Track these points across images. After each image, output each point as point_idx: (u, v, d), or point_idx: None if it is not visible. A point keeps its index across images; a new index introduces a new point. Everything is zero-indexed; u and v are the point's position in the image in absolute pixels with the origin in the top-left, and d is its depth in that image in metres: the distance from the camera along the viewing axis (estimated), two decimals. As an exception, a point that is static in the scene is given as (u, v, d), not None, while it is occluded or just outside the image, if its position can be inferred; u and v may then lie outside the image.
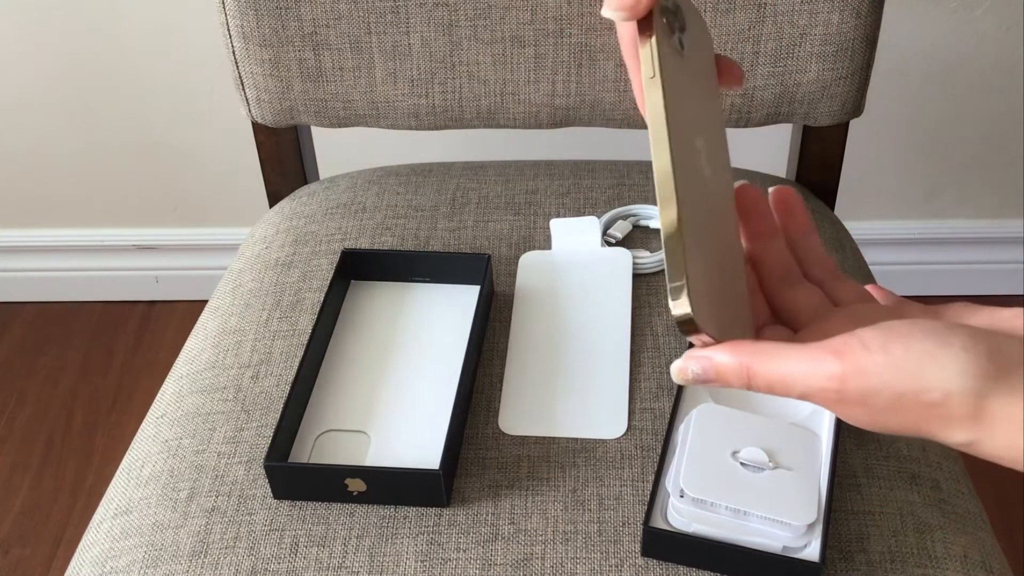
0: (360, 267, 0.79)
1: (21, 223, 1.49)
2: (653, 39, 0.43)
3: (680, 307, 0.40)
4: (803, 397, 0.39)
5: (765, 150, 1.24)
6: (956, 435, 0.37)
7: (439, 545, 0.63)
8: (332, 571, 0.62)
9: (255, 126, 0.92)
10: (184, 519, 0.65)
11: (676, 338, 0.75)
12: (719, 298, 0.42)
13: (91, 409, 1.43)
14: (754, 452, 0.62)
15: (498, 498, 0.65)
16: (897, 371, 0.37)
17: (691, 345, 0.43)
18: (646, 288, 0.79)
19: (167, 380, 0.78)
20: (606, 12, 0.43)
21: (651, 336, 0.75)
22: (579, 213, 0.86)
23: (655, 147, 0.42)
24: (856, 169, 1.37)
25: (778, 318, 0.46)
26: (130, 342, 1.52)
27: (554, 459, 0.67)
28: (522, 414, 0.70)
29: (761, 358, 0.40)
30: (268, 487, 0.66)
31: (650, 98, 0.43)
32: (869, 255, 0.96)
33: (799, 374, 0.39)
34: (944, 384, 0.36)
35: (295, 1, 0.81)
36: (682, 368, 0.41)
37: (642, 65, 0.43)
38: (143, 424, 0.75)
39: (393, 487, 0.64)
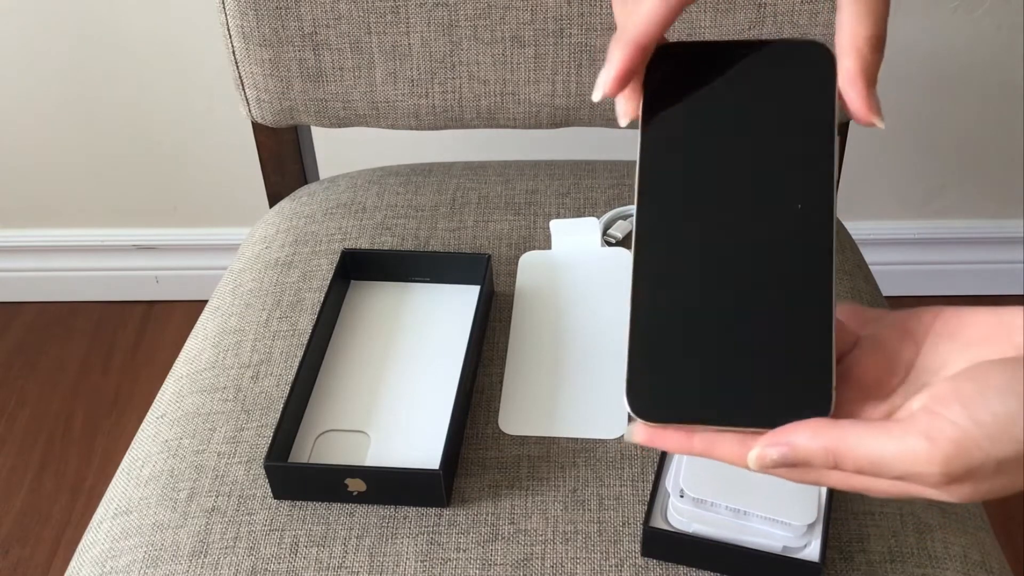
0: (360, 267, 0.79)
1: (21, 223, 1.49)
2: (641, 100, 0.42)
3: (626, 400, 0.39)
4: (902, 479, 0.38)
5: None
6: None
7: (439, 545, 0.63)
8: (332, 571, 0.62)
9: (255, 126, 0.92)
10: (184, 519, 0.65)
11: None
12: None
13: (91, 409, 1.43)
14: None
15: (498, 498, 0.65)
16: (995, 441, 0.37)
17: None
18: (646, 288, 0.78)
19: (167, 380, 0.78)
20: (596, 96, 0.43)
21: (651, 336, 0.75)
22: (579, 213, 0.86)
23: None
24: (856, 169, 1.37)
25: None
26: (130, 342, 1.52)
27: (554, 459, 0.67)
28: (522, 414, 0.70)
29: (849, 441, 0.39)
30: (268, 487, 0.66)
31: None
32: (869, 255, 0.96)
33: (894, 457, 0.38)
34: None
35: (295, 1, 0.81)
36: (760, 455, 0.40)
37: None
38: (143, 424, 0.75)
39: (393, 487, 0.64)
